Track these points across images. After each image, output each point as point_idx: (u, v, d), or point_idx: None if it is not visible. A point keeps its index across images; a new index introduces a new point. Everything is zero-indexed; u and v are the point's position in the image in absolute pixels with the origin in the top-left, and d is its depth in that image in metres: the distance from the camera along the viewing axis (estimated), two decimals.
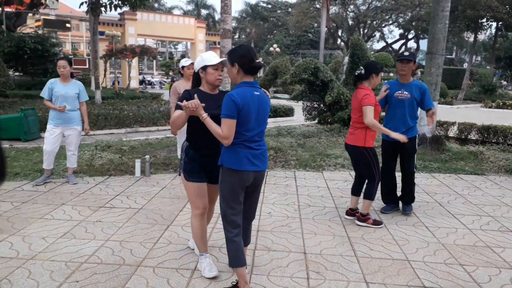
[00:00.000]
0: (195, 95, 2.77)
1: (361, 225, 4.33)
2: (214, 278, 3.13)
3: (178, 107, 2.88)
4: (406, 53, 4.64)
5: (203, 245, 3.24)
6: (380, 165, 4.52)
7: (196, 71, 3.07)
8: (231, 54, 2.81)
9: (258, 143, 2.84)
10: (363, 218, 4.35)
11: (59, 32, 30.65)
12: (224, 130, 2.67)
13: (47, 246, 3.63)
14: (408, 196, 4.81)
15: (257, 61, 2.75)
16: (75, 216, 4.43)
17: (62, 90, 5.57)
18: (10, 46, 19.41)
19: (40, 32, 24.84)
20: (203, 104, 2.73)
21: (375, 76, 4.22)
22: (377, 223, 4.35)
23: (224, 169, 2.80)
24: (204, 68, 2.99)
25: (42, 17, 28.68)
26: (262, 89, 2.86)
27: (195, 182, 3.09)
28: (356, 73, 4.27)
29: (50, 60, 20.61)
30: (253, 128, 2.77)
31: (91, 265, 3.30)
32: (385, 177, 4.73)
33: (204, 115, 2.72)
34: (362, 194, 4.53)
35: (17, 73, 23.14)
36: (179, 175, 3.20)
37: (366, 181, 4.41)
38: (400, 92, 4.56)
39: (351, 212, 4.58)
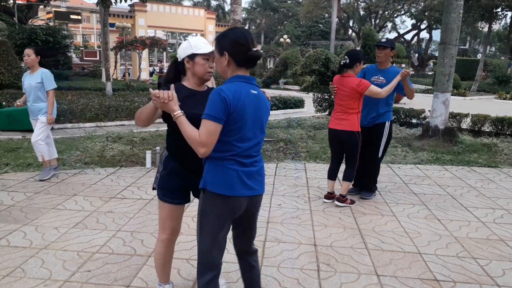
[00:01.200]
0: (171, 85, 2.22)
1: (341, 205, 4.63)
2: None
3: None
4: (383, 40, 4.92)
5: (165, 274, 2.71)
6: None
7: (180, 59, 2.44)
8: (220, 40, 2.12)
9: (254, 159, 2.15)
10: (343, 198, 4.65)
11: (70, 24, 30.82)
12: (202, 134, 1.97)
13: (60, 236, 3.67)
14: (369, 180, 4.94)
15: (255, 49, 2.07)
16: (86, 206, 4.47)
17: (27, 81, 5.23)
18: (22, 38, 19.62)
19: (51, 24, 25.03)
20: (179, 103, 2.14)
21: (358, 65, 4.48)
22: (352, 202, 4.69)
23: (207, 193, 2.10)
24: (192, 57, 2.36)
25: (53, 9, 28.87)
26: (261, 89, 2.22)
27: (170, 204, 2.47)
28: (342, 63, 4.51)
29: (62, 52, 20.75)
30: (249, 139, 2.09)
31: (103, 255, 3.33)
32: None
33: (178, 113, 2.07)
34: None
35: None
36: (153, 189, 2.56)
37: (346, 165, 4.65)
38: (376, 77, 4.77)
39: (330, 196, 4.81)
